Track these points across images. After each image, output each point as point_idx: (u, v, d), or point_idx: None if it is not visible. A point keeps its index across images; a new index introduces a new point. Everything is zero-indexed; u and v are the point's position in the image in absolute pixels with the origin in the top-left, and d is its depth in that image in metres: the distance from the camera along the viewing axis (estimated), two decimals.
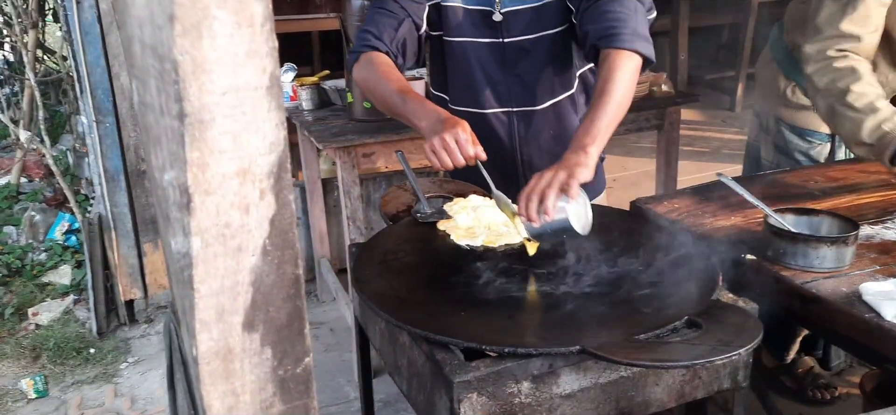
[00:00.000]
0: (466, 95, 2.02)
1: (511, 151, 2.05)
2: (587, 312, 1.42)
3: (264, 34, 0.69)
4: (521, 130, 2.02)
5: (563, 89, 2.01)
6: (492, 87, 1.99)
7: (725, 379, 1.46)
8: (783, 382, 2.76)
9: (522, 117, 2.01)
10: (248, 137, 0.72)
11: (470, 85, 2.01)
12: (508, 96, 2.00)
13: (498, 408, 1.28)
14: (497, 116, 2.01)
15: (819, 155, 2.54)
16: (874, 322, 1.42)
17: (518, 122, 2.02)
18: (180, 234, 0.76)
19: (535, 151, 2.06)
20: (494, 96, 2.00)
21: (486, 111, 2.01)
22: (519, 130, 2.02)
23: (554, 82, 2.00)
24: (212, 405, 0.84)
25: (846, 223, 1.69)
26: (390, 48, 1.92)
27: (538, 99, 2.00)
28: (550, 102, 2.01)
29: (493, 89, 1.99)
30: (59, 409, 2.97)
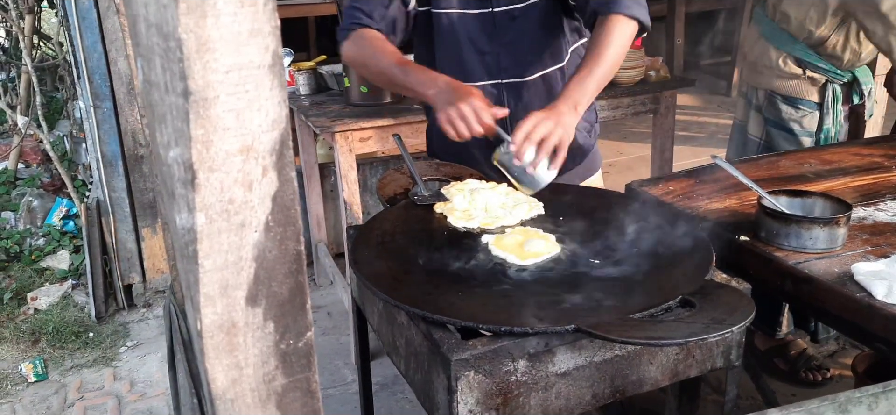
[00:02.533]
0: (454, 69, 1.98)
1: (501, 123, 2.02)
2: (582, 291, 1.44)
3: (267, 13, 0.70)
4: (511, 102, 2.00)
5: (552, 61, 2.00)
6: (480, 59, 1.97)
7: (718, 358, 1.49)
8: (776, 363, 2.80)
9: (512, 89, 2.00)
10: (250, 114, 0.74)
11: (458, 57, 1.99)
12: (497, 68, 1.98)
13: (494, 386, 1.30)
14: (486, 88, 1.98)
15: (809, 124, 2.60)
16: (865, 302, 1.44)
17: (508, 94, 2.00)
18: (185, 210, 0.77)
19: None
20: (483, 68, 1.98)
21: (475, 84, 1.96)
22: (509, 103, 2.00)
23: (544, 53, 1.98)
24: (216, 378, 0.86)
25: (839, 205, 1.71)
26: (381, 26, 1.92)
27: (528, 70, 1.98)
28: (540, 73, 2.00)
29: (481, 61, 1.97)
30: (59, 392, 2.99)
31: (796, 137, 2.63)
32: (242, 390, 0.88)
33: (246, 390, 0.88)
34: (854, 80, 2.57)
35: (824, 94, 2.57)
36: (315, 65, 3.24)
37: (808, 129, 2.61)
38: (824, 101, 2.57)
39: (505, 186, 1.90)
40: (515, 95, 2.02)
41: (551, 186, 1.98)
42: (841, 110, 2.60)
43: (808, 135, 2.62)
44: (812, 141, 2.63)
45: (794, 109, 2.61)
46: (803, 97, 2.59)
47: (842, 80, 2.56)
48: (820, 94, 2.58)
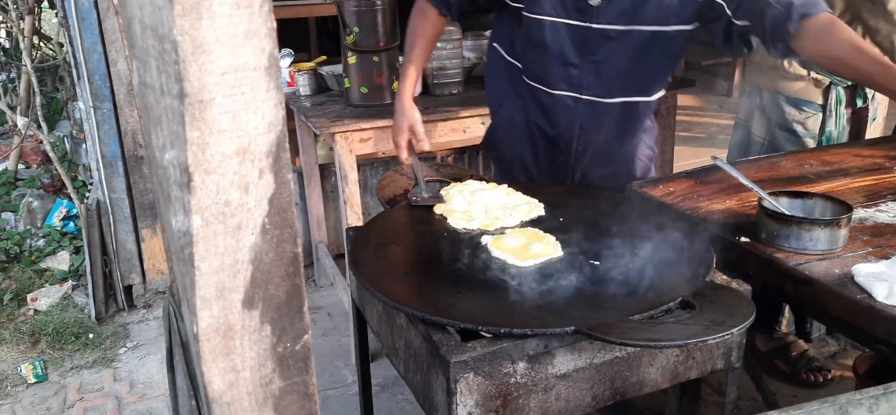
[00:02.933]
0: (537, 72, 2.01)
1: (568, 138, 2.04)
2: (582, 293, 1.44)
3: (263, 15, 0.70)
4: (586, 118, 2.00)
5: (637, 93, 1.99)
6: (564, 70, 1.96)
7: (719, 359, 1.48)
8: (777, 365, 2.79)
9: (589, 107, 1.99)
10: (246, 116, 0.73)
11: (542, 63, 1.99)
12: (580, 82, 1.97)
13: (494, 388, 1.29)
14: (563, 99, 1.99)
15: (813, 127, 2.60)
16: (866, 303, 1.44)
17: (584, 109, 1.99)
18: (181, 212, 0.77)
19: (592, 144, 2.04)
20: (565, 79, 1.97)
21: (553, 92, 1.99)
22: (582, 119, 2.00)
23: (628, 81, 1.96)
24: (212, 382, 0.86)
25: (839, 206, 1.71)
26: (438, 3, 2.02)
27: (610, 91, 1.97)
28: (621, 100, 1.98)
29: (565, 72, 1.97)
30: (59, 393, 2.99)
31: (799, 138, 2.62)
32: (239, 394, 0.88)
33: (243, 394, 0.88)
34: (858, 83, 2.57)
35: (828, 97, 2.56)
36: (315, 65, 3.24)
37: (812, 130, 2.61)
38: (828, 104, 2.57)
39: (505, 187, 1.90)
40: (591, 113, 2.00)
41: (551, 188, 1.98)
42: (844, 113, 2.59)
43: (811, 136, 2.62)
44: (815, 143, 2.62)
45: (798, 110, 2.61)
46: (807, 99, 2.59)
47: (845, 82, 2.55)
48: (824, 96, 2.58)
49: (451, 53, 2.99)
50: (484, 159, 3.96)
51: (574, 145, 2.05)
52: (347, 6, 2.74)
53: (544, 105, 2.01)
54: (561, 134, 2.04)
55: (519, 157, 2.14)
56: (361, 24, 2.75)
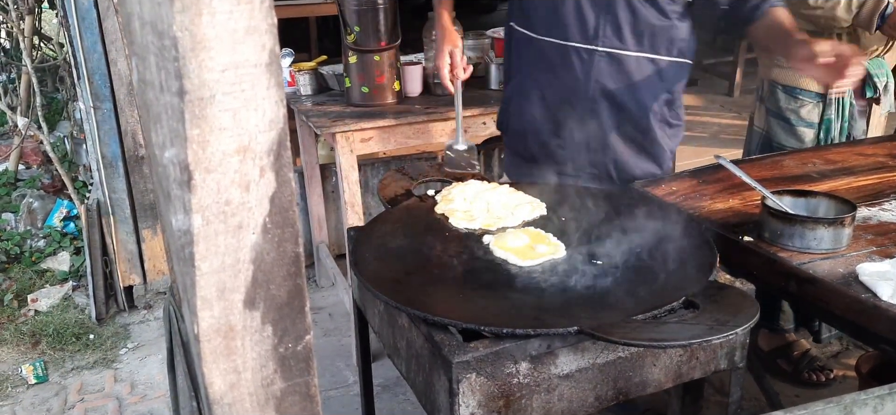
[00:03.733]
0: (549, 23, 2.01)
1: (584, 92, 2.02)
2: (585, 292, 1.43)
3: (263, 11, 0.69)
4: (601, 71, 1.98)
5: (651, 49, 1.99)
6: (579, 18, 1.96)
7: (722, 360, 1.47)
8: (779, 364, 2.78)
9: (605, 59, 1.98)
10: (247, 114, 0.73)
11: (557, 10, 1.98)
12: (595, 32, 1.97)
13: (496, 389, 1.29)
14: (578, 50, 1.98)
15: (809, 115, 2.59)
16: (870, 302, 1.43)
17: (598, 62, 1.98)
18: (181, 211, 0.76)
19: (607, 99, 2.02)
20: (580, 29, 1.97)
21: (566, 43, 1.99)
22: (597, 71, 1.99)
23: (645, 34, 1.98)
24: (213, 383, 0.85)
25: (843, 205, 1.70)
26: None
27: (626, 44, 1.97)
28: (636, 53, 1.99)
29: (580, 20, 1.96)
30: (60, 394, 2.98)
31: (793, 127, 2.62)
32: (240, 395, 0.87)
33: (244, 395, 0.87)
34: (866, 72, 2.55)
35: None
36: (316, 65, 3.23)
37: (808, 119, 2.60)
38: (828, 92, 2.55)
39: (507, 187, 1.89)
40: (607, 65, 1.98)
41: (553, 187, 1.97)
42: (852, 104, 2.58)
43: (806, 125, 2.60)
44: (812, 132, 2.61)
45: (792, 98, 2.61)
46: (801, 87, 2.58)
47: None
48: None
49: None
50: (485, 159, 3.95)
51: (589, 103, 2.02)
52: (348, 5, 2.73)
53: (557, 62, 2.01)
54: (574, 90, 2.02)
55: (530, 124, 2.13)
56: (362, 23, 2.74)
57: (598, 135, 2.05)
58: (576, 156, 2.08)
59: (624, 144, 2.08)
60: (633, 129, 2.06)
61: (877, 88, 2.57)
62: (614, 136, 2.06)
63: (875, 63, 2.56)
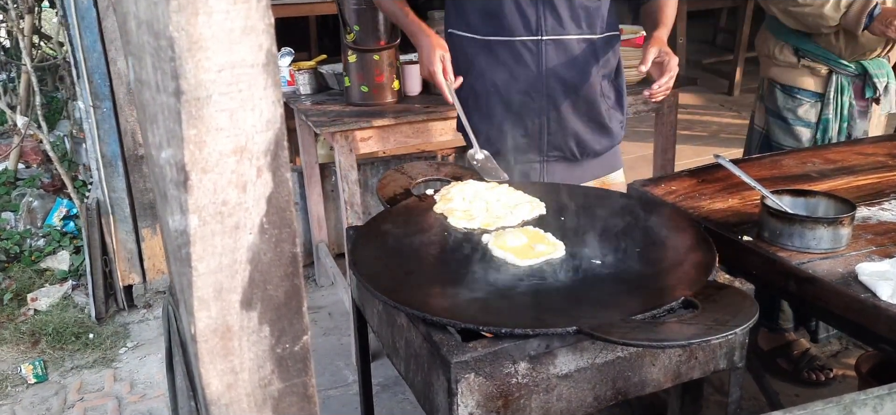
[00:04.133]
0: (492, 24, 2.10)
1: (537, 80, 2.12)
2: (584, 292, 1.43)
3: (260, 10, 0.69)
4: (550, 59, 2.09)
5: (589, 30, 2.12)
6: (521, 14, 2.06)
7: (722, 359, 1.47)
8: (779, 364, 2.78)
9: (551, 46, 2.09)
10: (244, 114, 0.72)
11: (497, 12, 2.08)
12: (537, 24, 2.07)
13: (495, 389, 1.28)
14: (525, 44, 2.08)
15: (806, 114, 2.59)
16: (870, 302, 1.43)
17: (546, 51, 2.09)
18: (178, 211, 0.76)
19: (559, 83, 2.12)
20: (523, 24, 2.07)
21: (513, 39, 2.08)
22: (547, 60, 2.09)
23: (581, 17, 2.10)
24: (210, 383, 0.85)
25: (843, 204, 1.70)
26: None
27: (567, 29, 2.09)
28: (578, 36, 2.10)
29: (522, 16, 2.07)
30: (59, 393, 2.98)
31: (791, 126, 2.62)
32: (238, 395, 0.87)
33: (241, 395, 0.87)
34: (866, 73, 2.55)
35: (828, 85, 2.55)
36: (316, 64, 3.23)
37: (805, 119, 2.60)
38: (827, 92, 2.55)
39: (505, 186, 1.89)
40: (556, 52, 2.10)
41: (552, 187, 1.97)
42: (852, 104, 2.57)
43: (803, 124, 2.60)
44: (809, 132, 2.60)
45: (790, 97, 2.61)
46: (799, 86, 2.59)
47: (848, 70, 2.53)
48: (823, 85, 2.56)
49: None
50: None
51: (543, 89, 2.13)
52: (348, 5, 2.73)
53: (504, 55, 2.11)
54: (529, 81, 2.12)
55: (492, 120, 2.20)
56: (362, 22, 2.74)
57: (556, 118, 2.16)
58: (539, 141, 2.19)
59: (579, 122, 2.19)
60: (585, 106, 2.18)
61: (876, 89, 2.56)
62: (571, 116, 2.17)
63: (875, 63, 2.56)
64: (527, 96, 2.13)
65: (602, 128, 2.23)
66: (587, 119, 2.20)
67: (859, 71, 2.55)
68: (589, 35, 2.12)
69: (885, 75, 2.57)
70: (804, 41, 2.55)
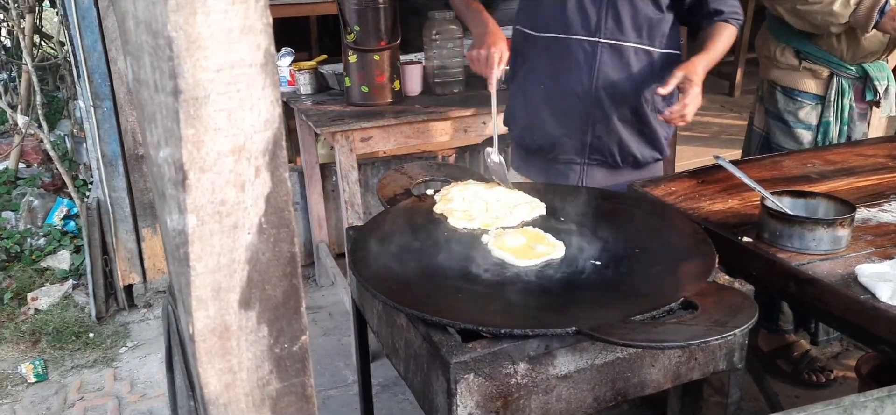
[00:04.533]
0: (551, 20, 2.09)
1: (588, 82, 2.09)
2: (583, 293, 1.43)
3: (259, 10, 0.68)
4: (604, 62, 2.07)
5: (649, 41, 2.10)
6: (582, 13, 2.06)
7: (721, 360, 1.47)
8: (779, 365, 2.78)
9: (607, 49, 2.07)
10: (242, 114, 0.72)
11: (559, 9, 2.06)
12: (596, 25, 2.06)
13: (494, 389, 1.28)
14: (581, 43, 2.07)
15: (807, 117, 2.58)
16: (869, 303, 1.43)
17: (602, 53, 2.07)
18: (176, 211, 0.76)
19: (610, 88, 2.10)
20: (582, 22, 2.06)
21: (570, 37, 2.07)
22: (601, 62, 2.07)
23: (643, 27, 2.08)
24: (209, 382, 0.85)
25: (842, 206, 1.70)
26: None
27: (626, 36, 2.07)
28: (636, 45, 2.08)
29: (582, 15, 2.06)
30: (59, 393, 2.98)
31: (791, 128, 2.61)
32: (236, 395, 0.87)
33: (240, 395, 0.87)
34: (867, 76, 2.54)
35: (828, 88, 2.55)
36: (316, 64, 3.23)
37: (806, 121, 2.59)
38: (828, 95, 2.55)
39: (506, 187, 1.89)
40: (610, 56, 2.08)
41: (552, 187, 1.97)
42: (852, 106, 2.57)
43: (804, 127, 2.60)
44: (810, 134, 2.60)
45: (791, 100, 2.60)
46: (800, 88, 2.58)
47: (849, 72, 2.53)
48: (824, 87, 2.56)
49: (453, 52, 2.98)
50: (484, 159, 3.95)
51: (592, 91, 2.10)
52: (348, 5, 2.73)
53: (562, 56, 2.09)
54: (579, 82, 2.10)
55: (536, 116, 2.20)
56: (362, 22, 2.74)
57: (603, 123, 2.13)
58: (582, 144, 2.16)
59: (625, 130, 2.16)
60: (633, 116, 2.15)
61: (877, 92, 2.56)
62: (617, 123, 2.14)
63: (876, 66, 2.55)
64: (575, 96, 2.11)
65: (647, 140, 2.20)
66: (633, 129, 2.17)
67: (860, 73, 2.54)
68: (648, 46, 2.10)
69: (885, 78, 2.57)
70: (805, 43, 2.54)
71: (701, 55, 2.05)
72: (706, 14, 2.14)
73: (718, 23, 2.12)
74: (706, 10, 2.13)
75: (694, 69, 1.99)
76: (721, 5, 2.12)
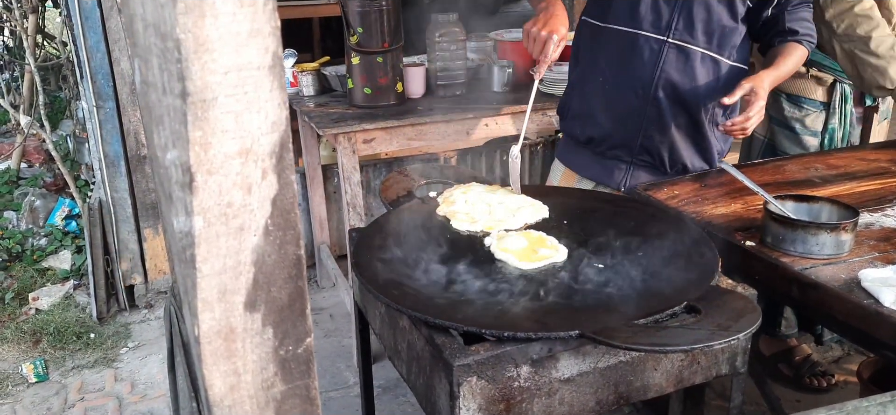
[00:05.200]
0: (624, 14, 2.04)
1: (649, 80, 2.05)
2: (586, 296, 1.43)
3: (267, 13, 0.69)
4: (669, 62, 2.03)
5: (719, 50, 2.06)
6: (655, 9, 2.01)
7: (724, 364, 1.47)
8: (780, 369, 2.78)
9: (673, 50, 2.03)
10: (250, 116, 0.72)
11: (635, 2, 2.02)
12: (668, 24, 2.02)
13: (497, 392, 1.28)
14: (648, 39, 2.03)
15: (813, 124, 2.58)
16: (873, 308, 1.42)
17: (668, 52, 2.02)
18: (182, 213, 0.76)
19: (671, 90, 2.06)
20: (653, 19, 2.02)
21: (638, 31, 2.03)
22: (666, 62, 2.03)
23: (715, 33, 2.04)
24: (213, 385, 0.85)
25: (845, 210, 1.70)
26: None
27: (696, 39, 2.03)
28: (704, 50, 2.04)
29: (655, 11, 2.01)
30: (60, 393, 2.98)
31: (798, 135, 2.61)
32: (241, 397, 0.87)
33: (244, 397, 0.87)
34: None
35: (832, 94, 2.55)
36: (319, 66, 3.23)
37: (812, 128, 2.60)
38: (832, 101, 2.55)
39: (508, 189, 1.89)
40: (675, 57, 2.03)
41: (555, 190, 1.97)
42: (853, 111, 2.58)
43: (811, 134, 2.60)
44: (816, 141, 2.60)
45: (797, 107, 2.60)
46: (807, 96, 2.58)
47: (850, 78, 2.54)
48: (828, 94, 2.56)
49: (455, 54, 2.98)
50: (486, 161, 3.95)
51: (651, 91, 2.06)
52: (351, 7, 2.73)
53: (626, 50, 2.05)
54: (640, 78, 2.06)
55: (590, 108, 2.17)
56: (365, 24, 2.74)
57: (657, 124, 2.10)
58: (632, 142, 2.13)
59: (679, 136, 2.13)
60: (689, 123, 2.12)
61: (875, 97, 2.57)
62: (672, 127, 2.10)
63: None
64: (632, 92, 2.07)
65: (700, 150, 2.17)
66: (687, 136, 2.13)
67: None
68: (716, 54, 2.05)
69: None
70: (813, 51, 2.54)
71: (769, 70, 2.01)
72: (780, 31, 2.09)
73: (791, 42, 2.07)
74: (780, 28, 2.08)
75: (761, 83, 1.96)
76: (797, 25, 2.07)
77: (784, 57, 2.05)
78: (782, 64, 2.03)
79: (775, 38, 2.09)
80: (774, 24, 2.08)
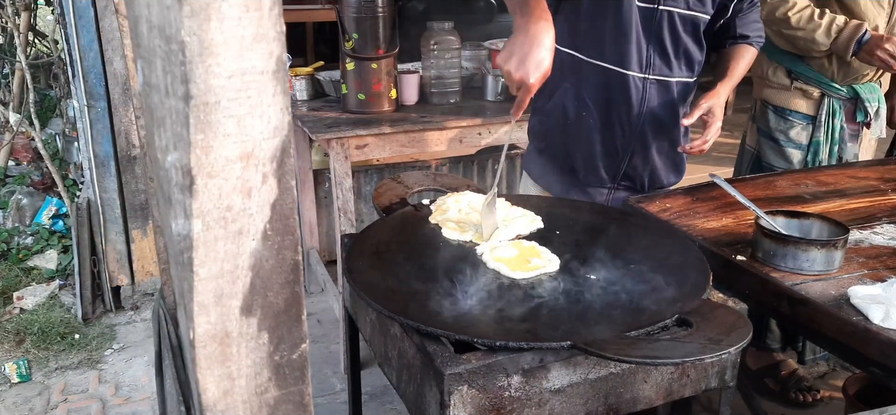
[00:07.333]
0: (608, 52, 2.04)
1: (636, 117, 2.08)
2: (578, 308, 1.43)
3: (272, 18, 0.69)
4: (652, 98, 2.07)
5: (689, 72, 2.11)
6: (638, 51, 2.03)
7: (713, 378, 1.48)
8: (767, 383, 2.79)
9: (655, 86, 2.07)
10: (252, 120, 0.72)
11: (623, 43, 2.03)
12: (647, 62, 2.04)
13: (488, 401, 1.28)
14: (635, 80, 2.05)
15: (798, 136, 2.62)
16: (861, 325, 1.44)
17: (649, 89, 2.06)
18: (181, 216, 0.75)
19: (654, 122, 2.10)
20: (638, 61, 2.04)
21: (628, 72, 2.05)
22: (649, 98, 2.06)
23: (683, 59, 2.08)
24: (207, 389, 0.84)
25: (836, 227, 1.71)
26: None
27: (672, 71, 2.07)
28: (679, 79, 2.09)
29: (638, 52, 2.04)
30: (43, 394, 2.95)
31: (782, 147, 2.64)
32: (234, 402, 0.86)
33: (238, 402, 0.87)
34: (858, 97, 2.58)
35: (820, 108, 2.58)
36: (313, 71, 3.23)
37: (797, 141, 2.63)
38: (819, 115, 2.58)
39: (502, 199, 1.89)
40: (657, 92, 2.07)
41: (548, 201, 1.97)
42: (843, 127, 2.60)
43: (795, 147, 2.63)
44: (801, 154, 2.63)
45: (782, 119, 2.64)
46: (792, 108, 2.62)
47: (840, 94, 2.56)
48: (815, 108, 2.59)
49: (450, 63, 2.99)
50: (479, 169, 3.96)
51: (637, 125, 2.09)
52: (347, 13, 2.73)
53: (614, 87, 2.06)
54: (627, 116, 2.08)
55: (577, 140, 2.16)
56: (361, 30, 2.74)
57: (641, 153, 2.14)
58: (615, 171, 2.17)
59: (659, 159, 2.18)
60: (668, 144, 2.17)
61: (867, 113, 2.59)
62: (654, 152, 2.16)
63: (867, 87, 2.58)
64: (620, 128, 2.09)
65: (675, 165, 2.23)
66: (667, 158, 2.19)
67: (851, 95, 2.57)
68: (688, 78, 2.10)
69: (876, 100, 2.60)
70: (797, 63, 2.57)
71: (725, 81, 2.08)
72: (731, 37, 2.16)
73: (742, 44, 2.15)
74: (732, 34, 2.15)
75: (718, 100, 2.02)
76: (747, 30, 2.15)
77: (736, 61, 2.13)
78: (735, 69, 2.12)
79: (726, 41, 2.17)
80: (726, 31, 2.15)
